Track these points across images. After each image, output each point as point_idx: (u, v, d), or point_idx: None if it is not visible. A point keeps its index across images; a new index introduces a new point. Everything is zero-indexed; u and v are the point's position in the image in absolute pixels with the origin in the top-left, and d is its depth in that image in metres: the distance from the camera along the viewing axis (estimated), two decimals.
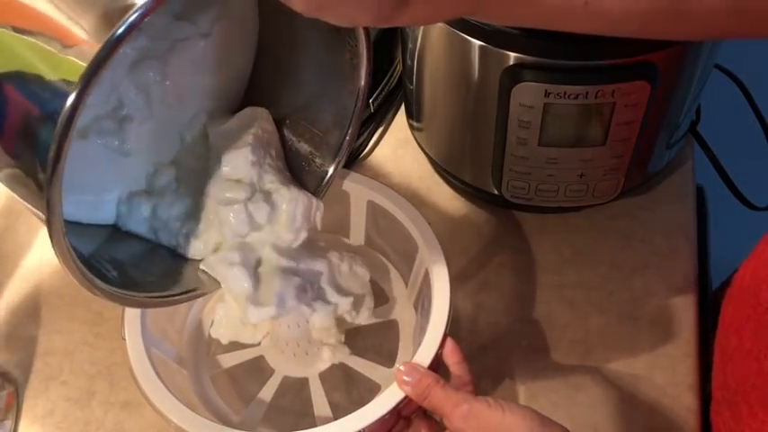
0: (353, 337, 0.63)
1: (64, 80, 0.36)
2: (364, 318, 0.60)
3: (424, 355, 0.53)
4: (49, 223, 0.39)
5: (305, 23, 0.49)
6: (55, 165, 0.37)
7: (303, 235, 0.54)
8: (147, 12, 0.36)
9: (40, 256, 0.74)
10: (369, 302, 0.60)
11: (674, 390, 0.63)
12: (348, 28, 0.49)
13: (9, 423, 0.63)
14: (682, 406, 0.62)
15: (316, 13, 0.38)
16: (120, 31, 0.36)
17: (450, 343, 0.53)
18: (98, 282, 0.44)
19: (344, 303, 0.57)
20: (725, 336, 0.57)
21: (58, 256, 0.41)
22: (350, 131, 0.55)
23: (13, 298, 0.72)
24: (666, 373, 0.64)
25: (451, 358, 0.53)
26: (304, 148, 0.58)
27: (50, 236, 0.39)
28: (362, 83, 0.53)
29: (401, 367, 0.51)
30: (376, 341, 0.65)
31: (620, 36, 0.43)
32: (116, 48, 0.36)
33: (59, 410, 0.65)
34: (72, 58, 0.36)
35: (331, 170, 0.57)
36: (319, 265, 0.56)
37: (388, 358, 0.63)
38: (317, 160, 0.57)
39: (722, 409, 0.56)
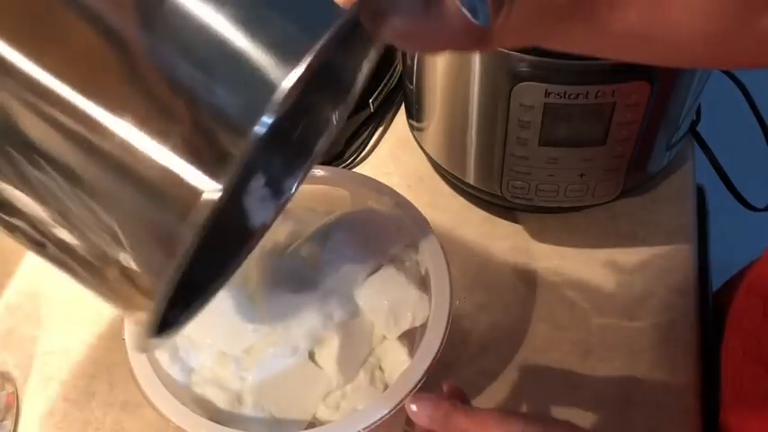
0: None
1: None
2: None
3: (424, 356, 0.53)
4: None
5: None
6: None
7: None
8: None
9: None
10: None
11: (674, 390, 0.63)
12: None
13: (9, 423, 0.63)
14: (682, 406, 0.62)
15: (404, 45, 0.39)
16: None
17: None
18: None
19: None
20: (733, 340, 0.56)
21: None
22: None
23: (13, 298, 0.72)
24: (666, 373, 0.64)
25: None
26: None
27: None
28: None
29: (410, 404, 0.47)
30: None
31: (685, 67, 0.42)
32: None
33: (59, 410, 0.65)
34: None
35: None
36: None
37: None
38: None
39: (731, 412, 0.56)
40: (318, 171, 0.62)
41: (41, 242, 0.35)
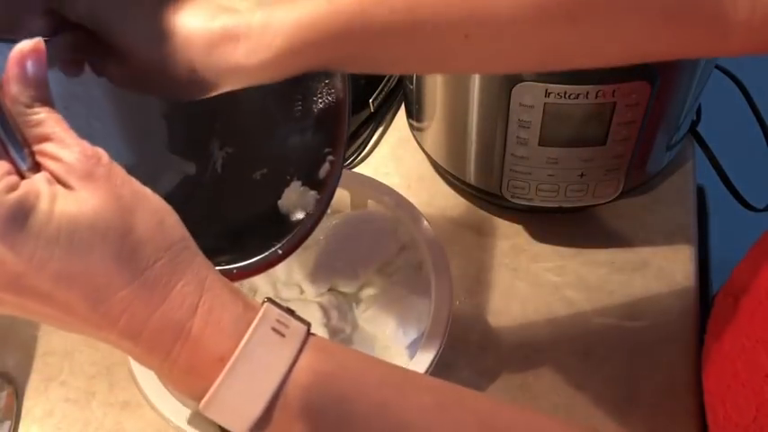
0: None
1: None
2: None
3: (425, 356, 0.53)
4: None
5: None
6: None
7: None
8: None
9: None
10: None
11: (674, 390, 0.63)
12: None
13: (9, 423, 0.63)
14: (682, 406, 0.62)
15: None
16: None
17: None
18: None
19: None
20: (709, 340, 0.57)
21: None
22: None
23: None
24: (666, 373, 0.64)
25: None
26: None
27: None
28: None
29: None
30: None
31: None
32: None
33: (59, 411, 0.65)
34: None
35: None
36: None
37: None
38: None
39: (708, 410, 0.56)
40: None
41: None
